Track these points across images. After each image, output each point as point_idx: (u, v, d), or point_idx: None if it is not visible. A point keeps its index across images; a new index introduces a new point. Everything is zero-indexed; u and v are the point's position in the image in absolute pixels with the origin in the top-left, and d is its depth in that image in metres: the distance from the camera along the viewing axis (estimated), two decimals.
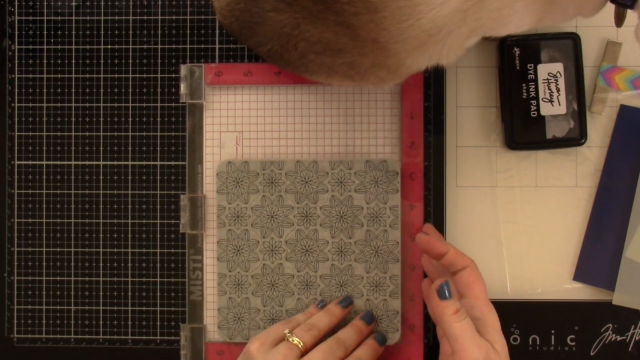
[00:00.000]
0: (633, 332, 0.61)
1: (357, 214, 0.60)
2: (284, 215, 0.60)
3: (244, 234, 0.61)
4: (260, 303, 0.61)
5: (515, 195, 0.62)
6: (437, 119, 0.61)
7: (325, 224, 0.60)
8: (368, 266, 0.60)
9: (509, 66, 0.60)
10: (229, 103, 0.62)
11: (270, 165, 0.61)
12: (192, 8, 0.63)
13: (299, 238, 0.60)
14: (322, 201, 0.60)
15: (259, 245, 0.61)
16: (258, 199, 0.61)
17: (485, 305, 0.53)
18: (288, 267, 0.61)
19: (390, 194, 0.60)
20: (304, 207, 0.60)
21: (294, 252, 0.60)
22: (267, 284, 0.61)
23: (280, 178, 0.60)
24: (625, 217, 0.60)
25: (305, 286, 0.60)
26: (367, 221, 0.60)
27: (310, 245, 0.60)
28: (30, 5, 0.63)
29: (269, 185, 0.60)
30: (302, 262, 0.60)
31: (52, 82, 0.63)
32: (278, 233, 0.61)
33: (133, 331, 0.63)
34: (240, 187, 0.61)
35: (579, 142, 0.60)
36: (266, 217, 0.61)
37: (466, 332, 0.50)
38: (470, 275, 0.54)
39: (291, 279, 0.61)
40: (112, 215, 0.63)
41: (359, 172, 0.60)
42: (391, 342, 0.60)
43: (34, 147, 0.63)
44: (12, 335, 0.63)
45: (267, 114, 0.62)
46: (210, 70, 0.62)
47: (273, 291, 0.61)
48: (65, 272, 0.63)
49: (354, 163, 0.60)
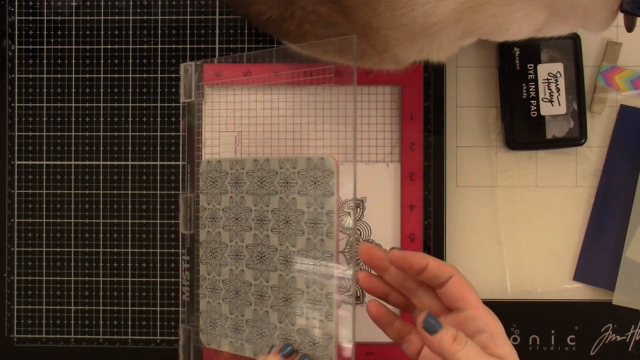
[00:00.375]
0: (633, 332, 0.60)
1: (300, 219, 0.52)
2: (245, 218, 0.55)
3: (217, 236, 0.57)
4: (228, 310, 0.56)
5: (515, 195, 0.62)
6: (437, 119, 0.61)
7: (275, 230, 0.53)
8: (308, 280, 0.52)
9: (509, 66, 0.60)
10: (228, 103, 0.62)
11: (236, 164, 0.56)
12: (192, 8, 0.63)
13: (256, 243, 0.54)
14: (272, 204, 0.54)
15: (228, 249, 0.56)
16: (227, 200, 0.56)
17: (486, 314, 0.48)
18: (247, 275, 0.55)
19: (326, 197, 0.51)
20: (259, 209, 0.54)
21: (252, 259, 0.55)
22: (233, 291, 0.56)
23: (243, 178, 0.55)
24: (625, 217, 0.60)
25: (260, 297, 0.54)
26: (308, 228, 0.52)
27: (263, 252, 0.54)
28: (30, 5, 0.63)
29: (234, 185, 0.56)
30: (258, 270, 0.54)
31: (52, 82, 0.63)
32: (241, 237, 0.55)
33: (133, 331, 0.63)
34: (215, 187, 0.57)
35: (579, 142, 0.59)
36: (232, 220, 0.56)
37: (473, 358, 0.45)
38: (459, 284, 0.48)
39: (250, 287, 0.55)
40: (112, 215, 0.63)
41: (302, 172, 0.52)
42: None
43: (34, 147, 0.63)
44: (12, 335, 0.63)
45: (267, 113, 0.62)
46: (210, 70, 0.62)
47: (237, 299, 0.56)
48: (65, 272, 0.63)
49: (298, 161, 0.53)
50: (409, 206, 0.61)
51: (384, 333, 0.53)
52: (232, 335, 0.56)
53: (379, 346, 0.61)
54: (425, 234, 0.61)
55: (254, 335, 0.55)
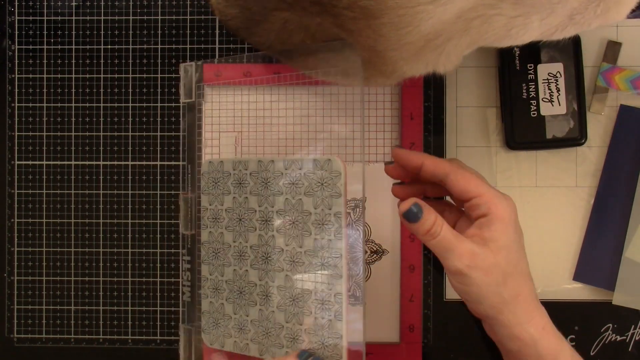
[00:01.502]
0: (633, 332, 0.60)
1: (307, 220, 0.53)
2: (249, 218, 0.56)
3: (220, 236, 0.57)
4: (232, 310, 0.57)
5: (515, 195, 0.62)
6: (437, 119, 0.61)
7: (281, 230, 0.54)
8: (316, 280, 0.53)
9: (509, 66, 0.60)
10: (228, 103, 0.62)
11: (239, 165, 0.56)
12: (192, 8, 0.63)
13: (260, 244, 0.55)
14: (278, 204, 0.54)
15: (231, 250, 0.57)
16: (230, 200, 0.57)
17: (490, 199, 0.48)
18: (252, 275, 0.55)
19: (334, 198, 0.52)
20: (264, 210, 0.55)
21: (257, 259, 0.55)
22: (237, 291, 0.56)
23: (246, 179, 0.56)
24: (625, 217, 0.60)
25: (265, 297, 0.55)
26: (315, 229, 0.52)
27: (269, 253, 0.55)
28: (30, 5, 0.63)
29: (238, 186, 0.56)
30: (263, 270, 0.55)
31: (52, 82, 0.63)
32: (245, 238, 0.56)
33: (133, 331, 0.63)
34: (217, 188, 0.57)
35: (579, 142, 0.59)
36: (236, 220, 0.56)
37: (442, 246, 0.47)
38: (457, 180, 0.49)
39: (254, 287, 0.55)
40: (112, 215, 0.63)
41: (308, 173, 0.53)
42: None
43: (34, 147, 0.63)
44: (12, 335, 0.63)
45: (267, 114, 0.62)
46: (210, 70, 0.62)
47: (241, 299, 0.56)
48: (65, 272, 0.63)
49: (304, 162, 0.53)
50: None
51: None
52: (236, 335, 0.56)
53: (379, 346, 0.61)
54: None
55: (259, 335, 0.55)
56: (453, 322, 0.61)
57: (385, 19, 0.42)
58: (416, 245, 0.61)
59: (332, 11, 0.44)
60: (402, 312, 0.61)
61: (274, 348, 0.54)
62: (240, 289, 0.56)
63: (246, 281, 0.56)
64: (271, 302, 0.54)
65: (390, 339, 0.61)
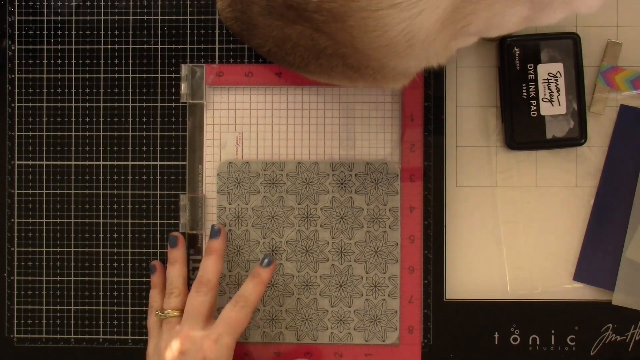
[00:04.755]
0: (633, 332, 0.61)
1: (358, 215, 0.61)
2: (285, 216, 0.61)
3: (244, 234, 0.61)
4: (260, 302, 0.61)
5: (515, 195, 0.62)
6: (437, 119, 0.61)
7: (326, 225, 0.61)
8: (367, 267, 0.61)
9: (509, 66, 0.60)
10: (230, 103, 0.62)
11: (272, 166, 0.61)
12: (192, 8, 0.63)
13: (300, 239, 0.61)
14: (322, 202, 0.61)
15: (259, 246, 0.61)
16: (259, 199, 0.61)
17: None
18: (288, 267, 0.61)
19: (390, 195, 0.60)
20: (304, 208, 0.61)
21: (295, 253, 0.61)
22: (269, 284, 0.61)
23: (282, 179, 0.61)
24: (625, 217, 0.60)
25: (305, 286, 0.61)
26: (367, 222, 0.61)
27: (310, 246, 0.61)
28: (30, 5, 0.63)
29: (270, 186, 0.61)
30: (302, 262, 0.61)
31: (52, 82, 0.63)
32: (278, 233, 0.61)
33: (133, 331, 0.63)
34: (241, 188, 0.61)
35: (579, 142, 0.60)
36: (267, 218, 0.61)
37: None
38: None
39: (291, 279, 0.61)
40: (112, 215, 0.63)
41: (360, 174, 0.60)
42: (389, 342, 0.60)
43: (34, 147, 0.63)
44: (12, 335, 0.63)
45: (268, 114, 0.62)
46: (211, 71, 0.62)
47: (273, 291, 0.61)
48: (65, 272, 0.63)
49: (355, 165, 0.61)
50: (409, 207, 0.61)
51: None
52: (265, 326, 0.61)
53: (378, 347, 0.61)
54: (425, 234, 0.61)
55: (297, 321, 0.61)
56: (453, 322, 0.61)
57: (351, 21, 0.42)
58: (416, 246, 0.61)
59: (304, 15, 0.44)
60: (401, 313, 0.61)
61: (316, 331, 0.61)
62: (272, 282, 0.61)
63: (280, 274, 0.61)
64: (313, 290, 0.61)
65: (390, 340, 0.61)
